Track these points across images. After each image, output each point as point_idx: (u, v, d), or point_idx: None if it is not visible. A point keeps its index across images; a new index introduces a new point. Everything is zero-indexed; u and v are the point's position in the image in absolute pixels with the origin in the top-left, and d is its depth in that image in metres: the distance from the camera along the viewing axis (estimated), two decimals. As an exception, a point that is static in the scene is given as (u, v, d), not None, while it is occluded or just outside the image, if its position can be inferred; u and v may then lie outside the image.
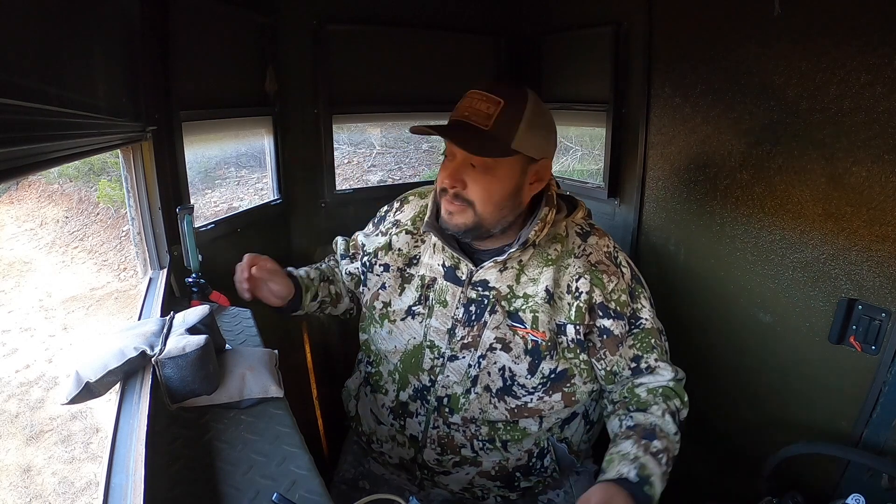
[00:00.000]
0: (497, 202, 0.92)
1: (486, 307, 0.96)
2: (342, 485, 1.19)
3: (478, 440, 1.01)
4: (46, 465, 3.31)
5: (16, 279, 5.65)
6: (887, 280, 1.02)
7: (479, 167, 0.90)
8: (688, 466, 1.55)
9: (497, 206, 0.92)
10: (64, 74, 0.70)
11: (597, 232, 1.02)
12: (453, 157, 0.93)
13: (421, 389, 1.02)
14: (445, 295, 0.99)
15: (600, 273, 0.95)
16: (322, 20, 1.55)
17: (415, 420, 1.03)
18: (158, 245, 1.19)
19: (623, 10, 1.51)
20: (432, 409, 1.01)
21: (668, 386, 0.98)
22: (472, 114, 0.89)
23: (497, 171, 0.90)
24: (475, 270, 0.97)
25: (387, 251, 1.06)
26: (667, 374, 0.98)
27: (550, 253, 0.97)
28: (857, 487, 1.01)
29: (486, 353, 0.95)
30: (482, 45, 1.86)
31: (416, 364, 1.01)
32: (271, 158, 1.62)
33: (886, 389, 1.02)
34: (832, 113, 1.06)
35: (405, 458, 1.07)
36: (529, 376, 0.95)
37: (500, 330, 0.94)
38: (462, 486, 1.06)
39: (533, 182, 0.95)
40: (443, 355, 0.99)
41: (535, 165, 0.93)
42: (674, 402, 0.96)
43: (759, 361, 1.29)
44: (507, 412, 0.98)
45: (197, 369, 0.82)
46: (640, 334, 0.97)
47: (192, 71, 1.22)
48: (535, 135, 0.91)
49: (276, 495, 0.66)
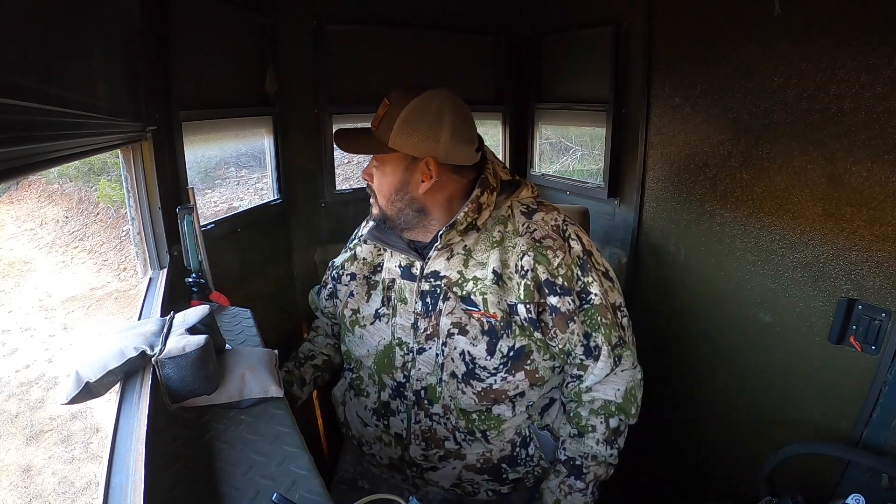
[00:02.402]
0: (387, 195, 1.00)
1: (438, 296, 0.99)
2: (342, 485, 1.19)
3: (459, 432, 1.03)
4: (46, 465, 3.31)
5: (16, 279, 5.66)
6: (887, 280, 1.02)
7: (377, 164, 1.00)
8: (688, 466, 1.55)
9: (388, 199, 1.00)
10: (64, 74, 0.70)
11: (544, 208, 1.03)
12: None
13: (397, 387, 1.05)
14: (404, 292, 1.03)
15: (544, 249, 0.96)
16: (322, 20, 1.55)
17: (397, 418, 1.06)
18: (158, 245, 1.19)
19: (623, 10, 1.51)
20: (411, 403, 1.04)
21: (615, 403, 1.01)
22: (374, 118, 0.98)
23: (384, 167, 0.99)
24: (425, 263, 1.01)
25: (352, 262, 1.12)
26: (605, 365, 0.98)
27: (495, 235, 0.99)
28: (857, 487, 1.01)
29: (447, 340, 0.98)
30: (482, 45, 1.86)
31: (389, 363, 1.04)
32: (271, 158, 1.62)
33: (886, 389, 1.02)
34: (832, 113, 1.06)
35: (394, 457, 1.09)
36: (489, 357, 0.96)
37: (454, 315, 0.97)
38: (451, 481, 1.08)
39: (424, 179, 0.97)
40: (411, 350, 1.02)
41: (419, 163, 0.96)
42: (616, 418, 1.01)
43: (759, 361, 1.29)
44: (474, 396, 0.99)
45: (197, 369, 0.82)
46: (589, 310, 0.97)
47: (192, 71, 1.22)
48: (411, 134, 0.94)
49: (276, 495, 0.66)
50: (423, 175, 0.97)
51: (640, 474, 1.66)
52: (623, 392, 1.01)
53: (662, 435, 1.56)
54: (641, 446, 1.56)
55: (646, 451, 1.59)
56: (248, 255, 1.53)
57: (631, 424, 1.04)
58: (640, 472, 1.66)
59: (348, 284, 1.11)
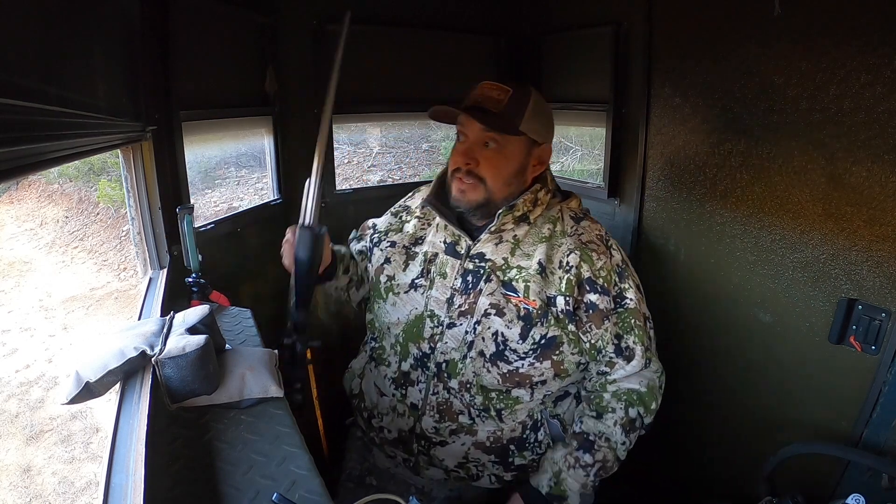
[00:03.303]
0: (505, 178, 1.02)
1: (481, 276, 1.03)
2: (349, 483, 1.19)
3: (474, 408, 1.05)
4: (46, 465, 3.31)
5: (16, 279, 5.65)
6: (887, 280, 1.02)
7: (491, 146, 1.01)
8: (688, 467, 1.55)
9: (505, 182, 1.02)
10: (64, 74, 0.70)
11: (589, 219, 1.10)
12: (466, 138, 1.03)
13: (421, 357, 1.07)
14: (445, 267, 1.06)
15: (590, 251, 1.02)
16: (322, 20, 1.55)
17: (415, 388, 1.08)
18: (158, 245, 1.19)
19: (623, 10, 1.51)
20: (432, 374, 1.06)
21: (638, 392, 1.02)
22: (485, 100, 1.00)
23: (506, 150, 1.01)
24: (473, 244, 1.05)
25: (396, 231, 1.16)
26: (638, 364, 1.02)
27: (544, 231, 1.05)
28: (857, 487, 1.01)
29: (481, 319, 1.01)
30: (482, 45, 1.86)
31: (418, 333, 1.07)
32: (271, 158, 1.62)
33: (886, 389, 1.02)
34: (832, 113, 1.06)
35: (404, 429, 1.10)
36: (521, 341, 1.00)
37: (494, 297, 1.01)
38: (457, 460, 1.08)
39: (535, 164, 1.05)
40: (442, 323, 1.05)
41: (537, 149, 1.04)
42: (636, 409, 1.02)
43: (759, 361, 1.29)
44: (499, 377, 1.02)
45: (197, 369, 0.82)
46: (623, 313, 1.02)
47: (192, 71, 1.22)
48: (538, 121, 1.02)
49: (276, 495, 0.66)
50: (536, 161, 1.05)
51: (639, 474, 1.66)
52: (647, 385, 1.03)
53: (662, 434, 1.56)
54: (641, 446, 1.56)
55: (645, 450, 1.59)
56: (248, 255, 1.53)
57: (645, 425, 1.04)
58: (639, 472, 1.66)
59: (385, 250, 1.14)
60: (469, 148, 1.01)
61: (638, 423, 1.02)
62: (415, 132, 6.27)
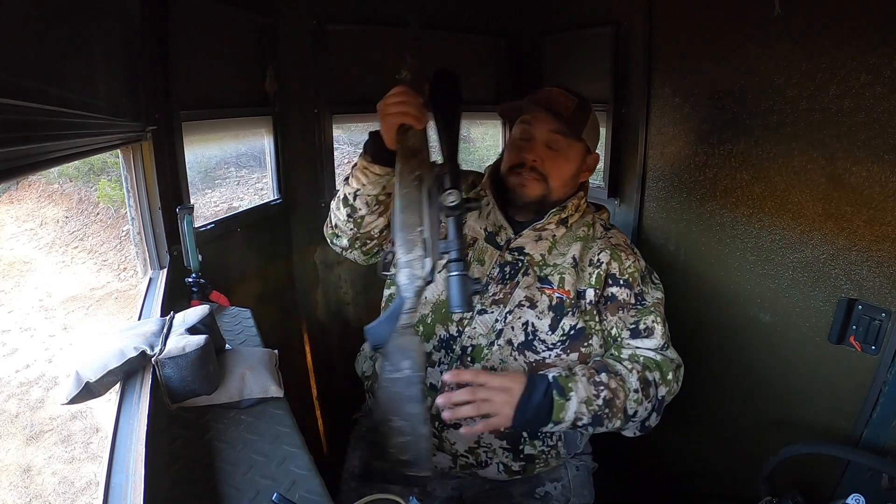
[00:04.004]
0: (565, 179, 1.09)
1: (520, 269, 1.07)
2: (352, 481, 1.19)
3: None
4: (46, 465, 3.31)
5: (16, 279, 5.66)
6: (887, 280, 1.02)
7: (555, 148, 1.07)
8: (688, 466, 1.55)
9: (563, 183, 1.09)
10: (64, 74, 0.70)
11: (616, 229, 1.18)
12: (530, 138, 1.08)
13: (447, 339, 1.07)
14: (484, 255, 1.09)
15: (619, 251, 1.09)
16: (322, 20, 1.55)
17: (436, 369, 1.08)
18: (158, 245, 1.19)
19: (623, 10, 1.51)
20: (455, 357, 1.06)
21: (653, 357, 1.02)
22: (554, 104, 1.06)
23: (568, 153, 1.08)
24: (514, 238, 1.10)
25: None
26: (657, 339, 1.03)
27: (579, 234, 1.12)
28: (857, 487, 1.01)
29: (514, 309, 1.04)
30: (482, 45, 1.86)
31: (447, 315, 1.07)
32: (271, 158, 1.62)
33: (886, 389, 1.02)
34: (832, 113, 1.06)
35: None
36: (550, 332, 1.03)
37: (529, 290, 1.05)
38: (468, 444, 1.08)
39: (585, 171, 1.14)
40: (472, 308, 1.05)
41: (589, 158, 1.13)
42: (652, 373, 1.00)
43: (759, 361, 1.29)
44: (525, 366, 1.03)
45: (197, 369, 0.82)
46: (642, 310, 1.06)
47: (192, 71, 1.22)
48: (594, 132, 1.12)
49: (276, 495, 0.66)
50: (586, 168, 1.13)
51: (639, 473, 1.66)
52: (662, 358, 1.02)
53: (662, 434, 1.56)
54: (641, 445, 1.56)
55: (645, 450, 1.59)
56: (248, 255, 1.54)
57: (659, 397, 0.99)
58: (639, 472, 1.66)
59: None
60: (535, 146, 1.07)
61: (652, 392, 0.98)
62: (415, 132, 6.24)
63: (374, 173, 1.00)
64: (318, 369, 1.85)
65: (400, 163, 0.88)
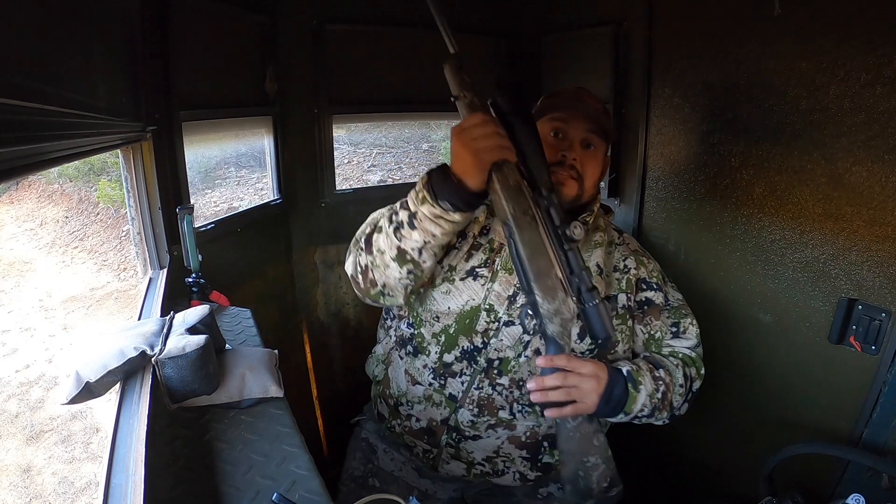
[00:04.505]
0: (596, 180, 1.08)
1: None
2: (351, 482, 1.18)
3: (518, 403, 1.03)
4: (46, 465, 3.31)
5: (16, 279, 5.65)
6: (887, 280, 1.02)
7: (590, 148, 1.05)
8: (688, 466, 1.55)
9: (595, 183, 1.07)
10: (64, 74, 0.70)
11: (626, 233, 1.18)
12: (565, 136, 1.05)
13: (471, 351, 1.03)
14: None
15: (640, 256, 1.11)
16: (322, 20, 1.55)
17: (457, 380, 1.04)
18: (158, 245, 1.19)
19: (623, 10, 1.51)
20: (480, 370, 1.03)
21: (690, 355, 1.08)
22: (583, 104, 1.06)
23: (598, 153, 1.07)
24: None
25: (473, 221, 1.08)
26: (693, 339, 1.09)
27: (596, 238, 1.10)
28: (857, 487, 1.01)
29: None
30: (482, 45, 1.86)
31: (471, 326, 1.02)
32: (271, 158, 1.62)
33: (886, 389, 1.02)
34: (832, 113, 1.06)
35: (436, 419, 1.07)
36: (579, 341, 1.02)
37: None
38: (486, 454, 1.06)
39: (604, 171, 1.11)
40: (499, 319, 1.01)
41: (607, 158, 1.12)
42: (690, 369, 1.06)
43: (758, 361, 1.29)
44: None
45: (197, 369, 0.82)
46: (672, 309, 1.10)
47: (192, 71, 1.22)
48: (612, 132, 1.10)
49: (276, 495, 0.66)
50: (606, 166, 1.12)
51: (639, 473, 1.66)
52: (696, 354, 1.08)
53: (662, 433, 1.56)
54: (641, 445, 1.56)
55: (645, 450, 1.59)
56: (248, 255, 1.54)
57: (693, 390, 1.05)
58: (639, 472, 1.66)
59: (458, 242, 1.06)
60: (572, 145, 1.03)
61: (688, 385, 1.03)
62: (415, 132, 6.27)
63: (452, 222, 0.85)
64: (318, 369, 1.85)
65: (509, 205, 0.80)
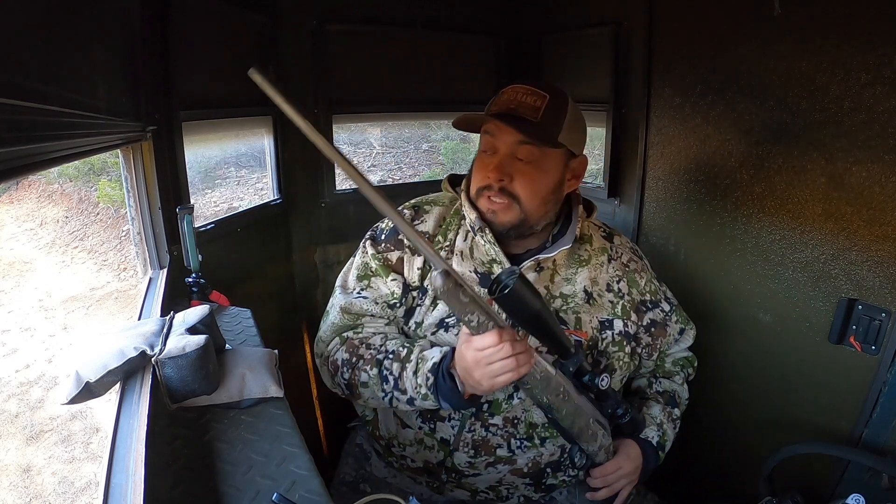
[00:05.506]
0: (543, 196, 0.91)
1: None
2: (342, 486, 1.18)
3: (515, 439, 0.97)
4: (46, 465, 3.31)
5: (16, 279, 5.65)
6: (887, 280, 1.02)
7: (526, 160, 0.89)
8: (688, 466, 1.55)
9: (543, 201, 0.91)
10: (64, 74, 0.70)
11: (615, 231, 1.10)
12: (494, 151, 0.90)
13: None
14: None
15: (633, 273, 1.04)
16: (322, 20, 1.55)
17: (446, 424, 0.97)
18: (158, 245, 1.19)
19: (623, 10, 1.51)
20: (469, 414, 0.95)
21: (687, 357, 1.15)
22: (518, 106, 0.88)
23: (543, 164, 0.90)
24: None
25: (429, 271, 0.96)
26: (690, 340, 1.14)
27: (581, 253, 1.00)
28: (857, 487, 1.01)
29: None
30: (482, 45, 1.86)
31: None
32: (271, 158, 1.62)
33: (886, 389, 1.02)
34: (832, 113, 1.06)
35: (431, 461, 1.01)
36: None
37: None
38: (489, 484, 1.02)
39: (570, 179, 0.95)
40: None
41: (573, 162, 0.95)
42: (689, 369, 1.15)
43: (758, 361, 1.29)
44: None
45: (197, 369, 0.82)
46: (675, 310, 1.10)
47: (192, 71, 1.22)
48: (576, 130, 0.92)
49: (276, 495, 0.66)
50: (571, 175, 0.94)
51: (640, 474, 1.66)
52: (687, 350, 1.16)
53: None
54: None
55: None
56: (248, 255, 1.53)
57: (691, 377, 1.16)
58: (640, 472, 1.66)
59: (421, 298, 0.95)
60: (501, 162, 0.88)
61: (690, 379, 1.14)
62: (415, 132, 6.27)
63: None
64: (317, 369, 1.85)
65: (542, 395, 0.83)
